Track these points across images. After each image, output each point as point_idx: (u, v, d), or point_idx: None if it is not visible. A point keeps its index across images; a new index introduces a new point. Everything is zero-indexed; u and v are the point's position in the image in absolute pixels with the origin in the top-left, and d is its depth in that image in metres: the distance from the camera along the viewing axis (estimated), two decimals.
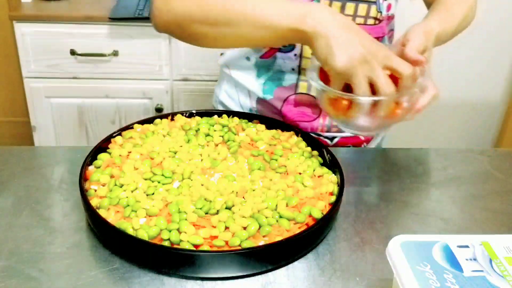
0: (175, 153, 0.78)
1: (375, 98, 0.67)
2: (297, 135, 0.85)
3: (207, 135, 0.83)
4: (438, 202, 0.79)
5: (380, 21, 0.92)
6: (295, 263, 0.65)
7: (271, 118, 0.89)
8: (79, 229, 0.69)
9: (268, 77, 0.94)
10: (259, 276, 0.62)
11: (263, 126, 0.86)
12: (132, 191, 0.69)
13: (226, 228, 0.63)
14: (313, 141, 0.83)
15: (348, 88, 0.69)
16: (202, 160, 0.77)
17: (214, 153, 0.79)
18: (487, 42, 2.13)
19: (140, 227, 0.63)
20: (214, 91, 1.07)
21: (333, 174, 0.76)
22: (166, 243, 0.62)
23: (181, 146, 0.80)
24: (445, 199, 0.79)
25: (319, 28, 0.67)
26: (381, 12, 0.91)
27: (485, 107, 2.28)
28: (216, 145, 0.81)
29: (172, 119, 0.88)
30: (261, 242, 0.62)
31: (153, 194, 0.69)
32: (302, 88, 0.93)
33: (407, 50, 0.71)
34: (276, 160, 0.78)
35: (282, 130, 0.87)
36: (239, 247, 0.61)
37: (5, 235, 0.67)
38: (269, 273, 0.63)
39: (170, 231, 0.62)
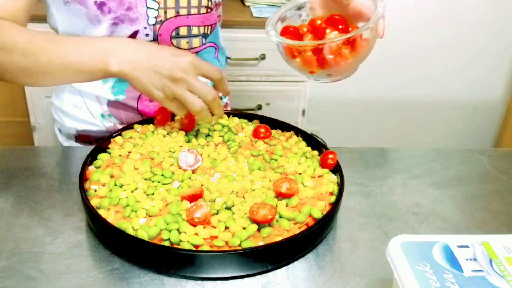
0: (174, 152, 0.78)
1: (322, 41, 0.68)
2: (297, 135, 0.85)
3: (207, 135, 0.83)
4: (438, 202, 0.79)
5: (211, 9, 0.95)
6: (295, 263, 0.65)
7: (271, 118, 0.89)
8: (79, 229, 0.69)
9: (116, 79, 0.92)
10: (259, 276, 0.62)
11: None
12: (132, 191, 0.69)
13: (226, 228, 0.63)
14: (313, 141, 0.83)
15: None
16: (202, 160, 0.77)
17: (214, 153, 0.79)
18: (487, 42, 2.13)
19: (140, 227, 0.63)
20: (52, 103, 1.02)
21: (333, 174, 0.76)
22: (166, 243, 0.62)
23: (181, 146, 0.80)
24: (445, 199, 0.79)
25: (124, 71, 0.73)
26: (211, 0, 0.94)
27: (485, 107, 2.28)
28: (216, 145, 0.81)
29: (172, 120, 0.88)
30: (261, 242, 0.62)
31: (153, 194, 0.69)
32: None
33: None
34: (276, 160, 0.78)
35: (282, 130, 0.87)
36: (239, 247, 0.61)
37: (5, 235, 0.67)
38: (269, 273, 0.63)
39: (170, 231, 0.62)
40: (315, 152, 0.81)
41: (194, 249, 0.61)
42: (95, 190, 0.70)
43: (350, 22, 0.73)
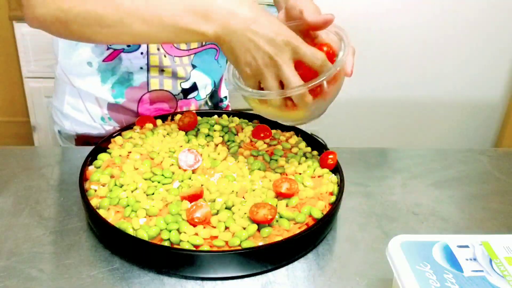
0: (174, 152, 0.78)
1: (287, 92, 0.66)
2: (297, 135, 0.85)
3: (207, 135, 0.83)
4: (438, 202, 0.79)
5: None
6: (295, 263, 0.64)
7: None
8: (79, 229, 0.69)
9: (116, 80, 0.91)
10: (259, 276, 0.62)
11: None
12: (132, 191, 0.69)
13: (226, 228, 0.63)
14: (313, 141, 0.83)
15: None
16: (202, 160, 0.77)
17: (214, 153, 0.79)
18: (487, 42, 2.13)
19: (140, 227, 0.63)
20: (52, 104, 1.00)
21: (333, 174, 0.76)
22: (166, 243, 0.62)
23: (181, 146, 0.80)
24: (445, 199, 0.79)
25: (220, 32, 0.65)
26: None
27: (485, 107, 2.28)
28: (216, 145, 0.81)
29: (172, 119, 0.88)
30: (261, 242, 0.62)
31: (153, 194, 0.69)
32: (153, 85, 0.92)
33: (310, 18, 0.70)
34: (276, 160, 0.78)
35: (282, 130, 0.87)
36: (239, 247, 0.61)
37: (5, 235, 0.67)
38: (269, 273, 0.63)
39: (170, 231, 0.62)
40: (315, 152, 0.81)
41: (194, 249, 0.61)
42: (95, 190, 0.70)
43: None
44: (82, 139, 0.98)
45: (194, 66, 0.96)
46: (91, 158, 0.76)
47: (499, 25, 2.10)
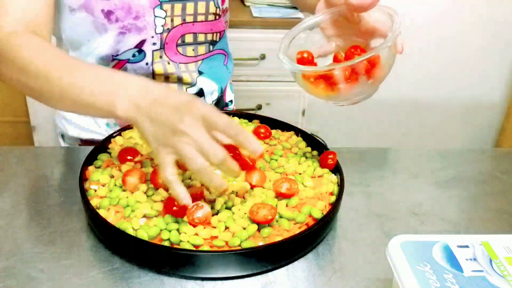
0: None
1: (342, 64, 0.65)
2: (297, 135, 0.85)
3: None
4: (438, 202, 0.79)
5: (219, 16, 0.93)
6: (295, 263, 0.64)
7: (271, 118, 0.89)
8: (79, 229, 0.68)
9: None
10: (259, 276, 0.62)
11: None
12: (132, 192, 0.69)
13: (226, 228, 0.63)
14: (313, 141, 0.83)
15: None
16: None
17: None
18: (488, 42, 2.13)
19: (140, 227, 0.63)
20: (56, 110, 0.98)
21: (333, 174, 0.76)
22: (166, 243, 0.62)
23: None
24: (445, 199, 0.79)
25: (128, 115, 0.63)
26: (218, 7, 0.92)
27: (485, 107, 2.28)
28: None
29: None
30: (261, 242, 0.62)
31: (153, 194, 0.69)
32: None
33: (354, 1, 0.67)
34: (276, 160, 0.78)
35: (282, 130, 0.87)
36: (239, 247, 0.61)
37: (5, 235, 0.67)
38: (269, 273, 0.63)
39: (170, 231, 0.62)
40: (315, 152, 0.81)
41: (194, 249, 0.61)
42: (95, 190, 0.70)
43: (365, 38, 0.71)
44: (86, 145, 0.97)
45: (200, 73, 0.95)
46: (91, 158, 0.76)
47: (499, 25, 2.10)
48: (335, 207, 0.68)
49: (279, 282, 0.61)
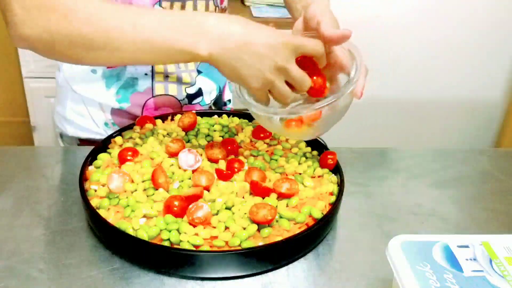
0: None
1: (301, 112, 0.68)
2: None
3: (207, 135, 0.83)
4: (438, 202, 0.79)
5: None
6: (295, 263, 0.64)
7: None
8: (79, 229, 0.69)
9: (120, 85, 0.91)
10: (259, 276, 0.62)
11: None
12: (132, 192, 0.69)
13: (226, 228, 0.63)
14: (313, 141, 0.83)
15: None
16: (202, 160, 0.77)
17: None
18: (488, 42, 2.13)
19: (140, 227, 0.63)
20: (55, 109, 0.99)
21: (333, 174, 0.76)
22: (166, 243, 0.62)
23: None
24: (445, 199, 0.79)
25: (215, 53, 0.63)
26: (217, 6, 0.92)
27: (485, 107, 2.28)
28: None
29: (172, 120, 0.88)
30: (261, 242, 0.62)
31: (153, 194, 0.69)
32: (158, 90, 0.92)
33: (326, 32, 0.67)
34: (276, 160, 0.78)
35: None
36: (239, 247, 0.61)
37: (5, 235, 0.67)
38: (269, 273, 0.63)
39: (170, 231, 0.62)
40: (315, 152, 0.81)
41: (194, 249, 0.61)
42: (95, 190, 0.70)
43: (329, 70, 0.72)
44: (85, 145, 0.97)
45: (199, 72, 0.96)
46: (91, 158, 0.76)
47: (499, 25, 2.10)
48: (335, 207, 0.68)
49: (279, 282, 0.61)
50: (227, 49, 0.63)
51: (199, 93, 0.97)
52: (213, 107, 1.03)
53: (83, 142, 0.97)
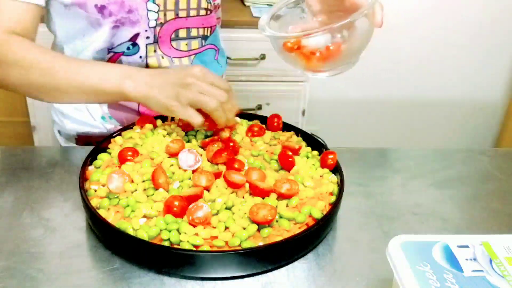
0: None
1: (309, 32, 0.66)
2: (297, 135, 0.85)
3: (207, 135, 0.83)
4: (438, 202, 0.79)
5: (211, 11, 0.95)
6: (295, 263, 0.65)
7: None
8: (79, 229, 0.69)
9: None
10: (259, 276, 0.62)
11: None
12: (132, 192, 0.69)
13: (226, 228, 0.63)
14: (313, 141, 0.83)
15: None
16: (202, 160, 0.77)
17: None
18: (488, 42, 2.13)
19: (140, 227, 0.63)
20: (53, 104, 1.00)
21: (333, 174, 0.76)
22: (166, 243, 0.62)
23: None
24: (445, 199, 0.79)
25: (141, 93, 0.76)
26: (210, 2, 0.94)
27: (485, 107, 2.28)
28: None
29: (172, 119, 0.88)
30: (261, 242, 0.62)
31: (153, 194, 0.69)
32: None
33: None
34: (276, 160, 0.77)
35: (282, 130, 0.87)
36: (239, 247, 0.61)
37: (5, 235, 0.67)
38: (269, 273, 0.63)
39: (170, 231, 0.62)
40: (315, 152, 0.81)
41: (194, 249, 0.61)
42: (95, 190, 0.70)
43: (349, 14, 0.70)
44: (83, 139, 0.98)
45: None
46: (91, 158, 0.76)
47: (499, 25, 2.10)
48: (335, 207, 0.68)
49: (279, 282, 0.61)
50: (150, 84, 0.76)
51: None
52: None
53: (81, 137, 0.97)
